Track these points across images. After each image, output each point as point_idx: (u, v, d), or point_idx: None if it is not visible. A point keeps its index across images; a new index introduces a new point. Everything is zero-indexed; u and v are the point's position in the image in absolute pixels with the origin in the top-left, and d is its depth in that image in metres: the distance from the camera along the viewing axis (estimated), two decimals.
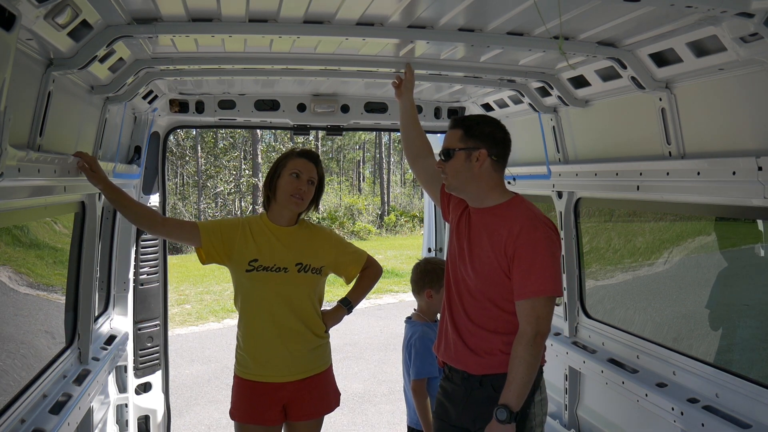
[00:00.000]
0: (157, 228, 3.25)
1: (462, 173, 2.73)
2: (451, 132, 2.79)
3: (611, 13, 2.43)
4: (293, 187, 3.16)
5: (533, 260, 2.59)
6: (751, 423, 2.62)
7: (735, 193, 2.59)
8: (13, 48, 1.78)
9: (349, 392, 7.65)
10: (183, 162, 33.92)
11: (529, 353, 2.57)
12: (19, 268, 3.09)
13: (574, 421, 4.05)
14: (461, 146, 2.72)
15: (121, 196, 3.12)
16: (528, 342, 2.57)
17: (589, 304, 4.06)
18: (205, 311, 13.02)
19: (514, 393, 2.57)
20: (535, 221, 2.65)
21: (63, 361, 3.35)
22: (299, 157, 3.23)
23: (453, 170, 2.75)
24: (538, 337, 2.58)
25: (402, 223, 33.98)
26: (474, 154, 2.71)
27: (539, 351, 2.61)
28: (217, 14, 2.54)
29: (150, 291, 4.82)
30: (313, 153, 3.33)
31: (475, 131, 2.74)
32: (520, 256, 2.61)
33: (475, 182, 2.74)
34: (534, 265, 2.59)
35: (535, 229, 2.62)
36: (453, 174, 2.75)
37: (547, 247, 2.61)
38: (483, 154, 2.71)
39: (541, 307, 2.59)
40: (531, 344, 2.57)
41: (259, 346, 3.19)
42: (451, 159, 2.74)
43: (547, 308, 2.61)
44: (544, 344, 2.63)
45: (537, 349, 2.59)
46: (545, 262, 2.59)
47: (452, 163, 2.74)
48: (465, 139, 2.73)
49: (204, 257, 3.17)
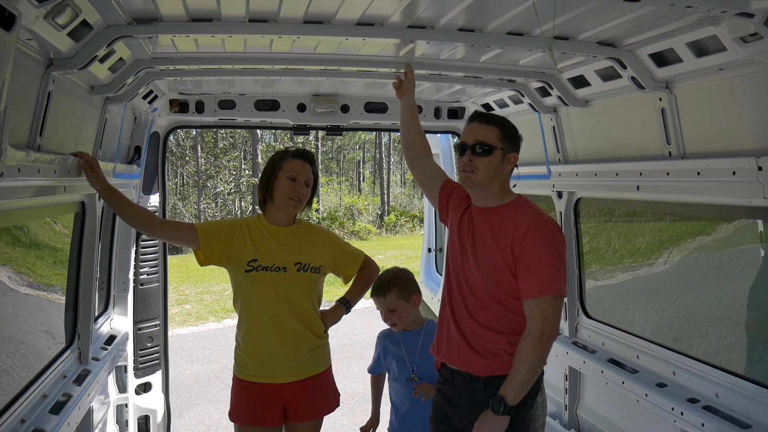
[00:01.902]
0: (154, 231, 3.22)
1: (493, 171, 2.72)
2: (486, 128, 2.72)
3: (611, 13, 2.43)
4: (291, 190, 3.16)
5: (539, 259, 2.60)
6: (751, 423, 2.62)
7: (735, 193, 2.59)
8: (13, 48, 1.78)
9: (349, 392, 7.64)
10: (183, 162, 33.92)
11: (533, 352, 2.57)
12: (19, 268, 3.09)
13: (574, 421, 4.05)
14: (501, 145, 2.70)
15: (119, 198, 3.10)
16: (533, 341, 2.57)
17: (589, 304, 4.06)
18: (205, 311, 13.02)
19: (513, 388, 2.57)
20: (540, 221, 2.66)
21: (63, 361, 3.35)
22: (295, 158, 3.21)
23: (487, 167, 2.70)
24: (544, 337, 2.57)
25: (402, 223, 33.98)
26: (508, 156, 2.72)
27: (544, 351, 2.60)
28: (217, 14, 2.54)
29: (150, 291, 4.82)
30: (308, 153, 3.30)
31: (513, 134, 2.75)
32: (527, 255, 2.61)
33: (499, 182, 2.76)
34: (539, 263, 2.59)
35: (541, 228, 2.63)
36: (485, 170, 2.71)
37: (553, 247, 2.62)
38: (515, 158, 2.74)
39: (546, 306, 2.59)
40: (536, 343, 2.57)
41: (259, 346, 3.19)
42: (489, 156, 2.70)
43: (554, 308, 2.60)
44: (550, 345, 2.62)
45: (542, 349, 2.58)
46: (551, 261, 2.60)
47: (489, 160, 2.70)
48: (504, 139, 2.71)
49: (202, 259, 3.16)
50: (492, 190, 2.77)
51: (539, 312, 2.58)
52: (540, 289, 2.58)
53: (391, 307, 3.42)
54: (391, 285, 3.41)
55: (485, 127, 2.72)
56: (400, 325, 3.47)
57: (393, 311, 3.43)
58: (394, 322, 3.46)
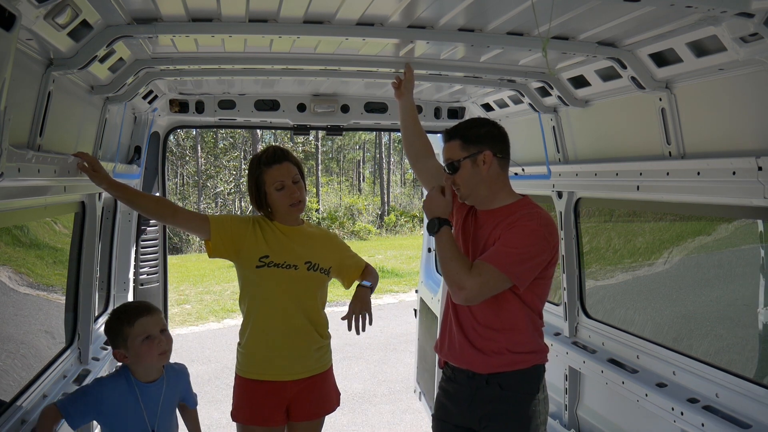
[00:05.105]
0: (167, 219, 3.19)
1: (472, 180, 2.73)
2: (449, 145, 2.78)
3: (611, 13, 2.43)
4: (287, 198, 3.15)
5: (509, 242, 2.59)
6: (751, 423, 2.62)
7: (735, 193, 2.59)
8: (13, 48, 1.78)
9: (349, 392, 7.65)
10: (183, 162, 33.95)
11: (454, 272, 2.58)
12: (19, 268, 3.09)
13: (574, 421, 4.05)
14: (464, 154, 2.72)
15: (127, 191, 3.11)
16: (461, 275, 2.56)
17: (589, 304, 4.06)
18: (205, 311, 13.03)
19: (442, 244, 2.68)
20: (534, 216, 2.66)
21: (63, 361, 3.35)
22: (270, 166, 3.15)
23: (463, 180, 2.75)
24: (462, 283, 2.55)
25: (402, 223, 34.00)
26: (479, 158, 2.71)
27: (452, 282, 2.59)
28: (217, 14, 2.54)
29: (150, 291, 4.82)
30: (280, 153, 3.21)
31: (473, 135, 2.74)
32: (503, 237, 2.62)
33: (485, 185, 2.75)
34: (507, 246, 2.58)
35: (530, 220, 2.63)
36: (463, 183, 2.75)
37: (530, 240, 2.60)
38: (488, 155, 2.71)
39: (487, 271, 2.56)
40: (459, 276, 2.56)
41: (266, 343, 3.18)
42: (459, 170, 2.73)
43: (492, 278, 2.56)
44: (456, 294, 2.60)
45: (455, 278, 2.57)
46: (519, 248, 2.58)
47: (461, 174, 2.74)
48: (466, 146, 2.73)
49: (212, 250, 3.14)
50: (487, 194, 2.77)
51: (478, 270, 2.56)
52: (492, 259, 2.56)
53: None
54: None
55: (449, 144, 2.78)
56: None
57: None
58: None
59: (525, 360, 2.72)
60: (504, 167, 2.79)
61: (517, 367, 2.71)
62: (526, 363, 2.73)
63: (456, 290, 2.59)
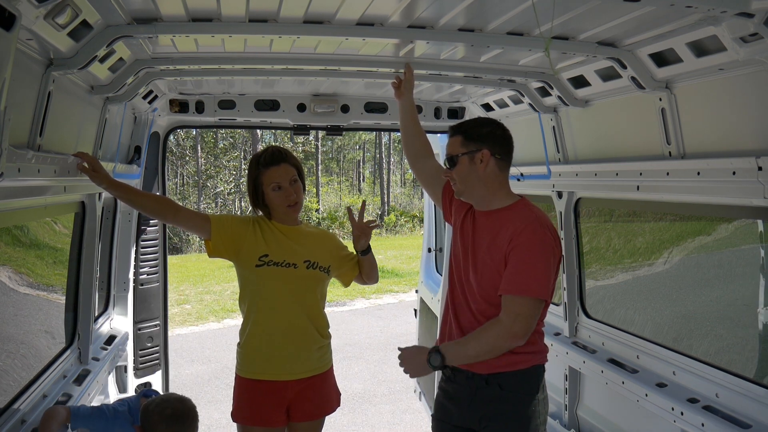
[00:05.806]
0: (168, 218, 3.20)
1: (468, 177, 2.75)
2: (452, 139, 2.81)
3: (611, 13, 2.43)
4: (284, 198, 3.15)
5: (526, 260, 2.61)
6: (751, 423, 2.62)
7: (735, 193, 2.59)
8: (13, 48, 1.78)
9: (349, 392, 7.65)
10: (183, 162, 33.96)
11: (493, 341, 2.61)
12: (19, 268, 3.09)
13: (574, 421, 4.05)
14: (463, 150, 2.74)
15: (128, 191, 3.13)
16: (500, 332, 2.60)
17: (589, 304, 4.06)
18: (205, 311, 13.02)
19: (456, 352, 2.67)
20: (536, 224, 2.66)
21: (63, 361, 3.36)
22: (269, 167, 3.15)
23: (460, 176, 2.77)
24: (511, 334, 2.59)
25: (402, 223, 34.01)
26: (477, 156, 2.72)
27: (503, 347, 2.62)
28: (217, 14, 2.54)
29: (150, 291, 4.82)
30: (279, 154, 3.21)
31: (474, 133, 2.76)
32: (515, 254, 2.62)
33: (482, 184, 2.76)
34: (526, 264, 2.61)
35: (534, 232, 2.64)
36: (460, 179, 2.77)
37: (542, 252, 2.62)
38: (486, 154, 2.72)
39: (522, 305, 2.60)
40: (501, 336, 2.60)
41: (266, 342, 3.17)
42: (456, 165, 2.76)
43: (530, 309, 2.61)
44: (512, 345, 2.62)
45: (503, 343, 2.61)
46: (537, 265, 2.61)
47: (458, 169, 2.76)
48: (466, 143, 2.75)
49: (212, 250, 3.15)
50: (484, 194, 2.78)
51: (513, 308, 2.60)
52: (520, 290, 2.60)
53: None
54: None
55: (451, 139, 2.81)
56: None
57: None
58: None
59: (525, 360, 2.72)
60: (503, 169, 2.79)
61: (517, 368, 2.71)
62: (525, 363, 2.73)
63: (513, 344, 2.63)
